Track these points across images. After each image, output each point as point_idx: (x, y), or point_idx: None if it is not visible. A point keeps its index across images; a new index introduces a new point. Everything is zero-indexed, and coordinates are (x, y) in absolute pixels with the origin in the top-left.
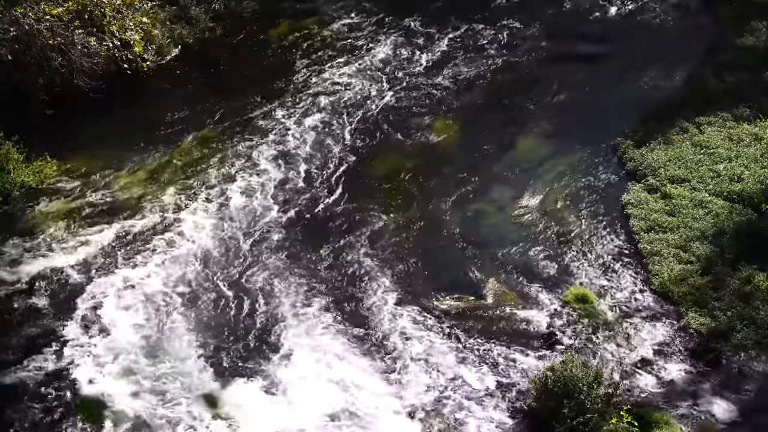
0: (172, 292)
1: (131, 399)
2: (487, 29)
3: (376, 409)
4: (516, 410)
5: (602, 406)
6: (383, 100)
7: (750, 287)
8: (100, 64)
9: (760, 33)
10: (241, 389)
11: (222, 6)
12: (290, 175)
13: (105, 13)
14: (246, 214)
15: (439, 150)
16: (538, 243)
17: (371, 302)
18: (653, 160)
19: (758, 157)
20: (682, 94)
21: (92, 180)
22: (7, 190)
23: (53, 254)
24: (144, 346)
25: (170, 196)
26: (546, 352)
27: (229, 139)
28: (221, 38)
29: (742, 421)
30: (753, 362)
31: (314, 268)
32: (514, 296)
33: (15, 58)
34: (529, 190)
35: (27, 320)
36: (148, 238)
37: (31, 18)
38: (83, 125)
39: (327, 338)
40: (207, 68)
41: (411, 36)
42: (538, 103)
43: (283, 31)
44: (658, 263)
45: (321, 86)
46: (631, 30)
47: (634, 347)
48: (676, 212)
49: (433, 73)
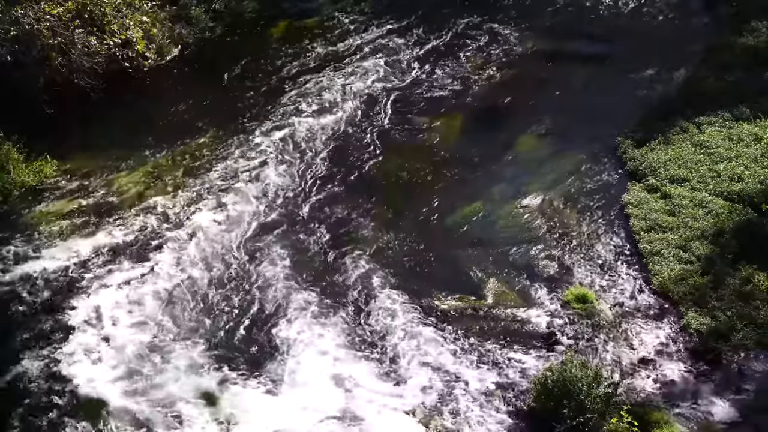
0: (173, 292)
1: (131, 399)
2: (488, 29)
3: (376, 408)
4: (516, 410)
5: (602, 406)
6: (383, 100)
7: (750, 287)
8: (100, 63)
9: (760, 33)
10: (242, 389)
11: (222, 6)
12: (290, 174)
13: (105, 12)
14: (246, 214)
15: (439, 149)
16: (538, 243)
17: (371, 302)
18: (653, 159)
19: (758, 156)
20: (682, 94)
21: (92, 180)
22: (7, 190)
23: (53, 254)
24: (144, 345)
25: (170, 196)
26: (546, 352)
27: (229, 139)
28: (221, 38)
29: (742, 421)
30: (753, 362)
31: (314, 268)
32: (514, 296)
33: (15, 57)
34: (529, 189)
35: (27, 320)
36: (148, 237)
37: (31, 17)
38: (83, 125)
39: (327, 338)
40: (207, 68)
41: (411, 35)
42: (538, 102)
43: (283, 31)
44: (658, 263)
45: (321, 86)
46: (631, 30)
47: (634, 347)
48: (676, 212)
49: (434, 72)
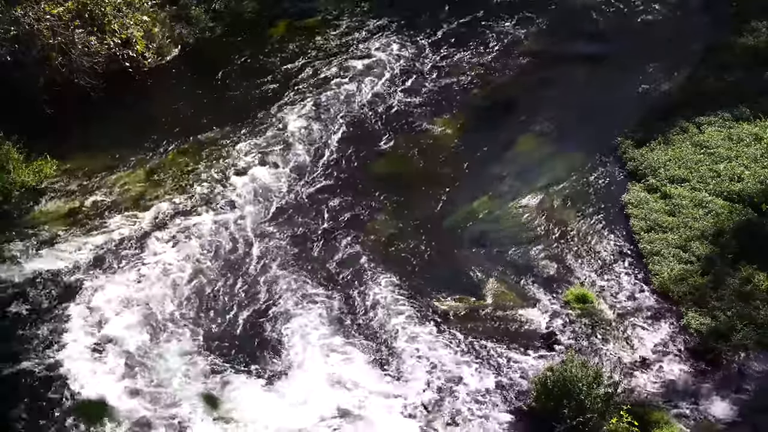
0: (173, 291)
1: (131, 399)
2: (488, 29)
3: (377, 408)
4: (516, 410)
5: (602, 406)
6: (383, 100)
7: (750, 287)
8: (100, 63)
9: (760, 33)
10: (242, 389)
11: (222, 6)
12: (290, 174)
13: (106, 11)
14: (246, 214)
15: (439, 149)
16: (538, 243)
17: (372, 302)
18: (653, 159)
19: (758, 156)
20: (682, 94)
21: (92, 180)
22: (7, 190)
23: (53, 254)
24: (144, 345)
25: (170, 196)
26: (546, 352)
27: (230, 139)
28: (221, 38)
29: (742, 421)
30: (753, 362)
31: (314, 268)
32: (514, 296)
33: (15, 57)
34: (529, 189)
35: (27, 320)
36: (148, 237)
37: (31, 17)
38: (83, 125)
39: (327, 338)
40: (207, 68)
41: (411, 35)
42: (538, 102)
43: (283, 30)
44: (658, 263)
45: (321, 86)
46: (631, 30)
47: (634, 347)
48: (676, 212)
49: (434, 72)
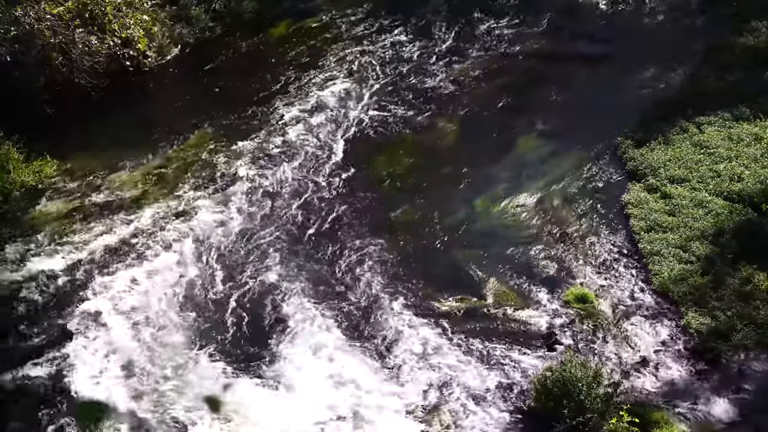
0: (173, 292)
1: (131, 399)
2: (488, 29)
3: (377, 408)
4: (516, 410)
5: (602, 406)
6: (383, 100)
7: (750, 287)
8: (101, 62)
9: (760, 33)
10: (242, 389)
11: (222, 6)
12: (291, 174)
13: (106, 11)
14: (247, 214)
15: (439, 149)
16: (538, 243)
17: (372, 302)
18: (653, 159)
19: (758, 156)
20: (682, 94)
21: (92, 180)
22: (7, 190)
23: (53, 254)
24: (144, 345)
25: (170, 196)
26: (546, 352)
27: (230, 139)
28: (221, 38)
29: (742, 421)
30: (753, 362)
31: (315, 269)
32: (514, 296)
33: (15, 57)
34: (529, 189)
35: (27, 320)
36: (148, 237)
37: (32, 17)
38: (84, 124)
39: (328, 338)
40: (207, 68)
41: (411, 35)
42: (538, 102)
43: (283, 31)
44: (658, 263)
45: (321, 86)
46: (631, 30)
47: (633, 347)
48: (676, 212)
49: (434, 72)
